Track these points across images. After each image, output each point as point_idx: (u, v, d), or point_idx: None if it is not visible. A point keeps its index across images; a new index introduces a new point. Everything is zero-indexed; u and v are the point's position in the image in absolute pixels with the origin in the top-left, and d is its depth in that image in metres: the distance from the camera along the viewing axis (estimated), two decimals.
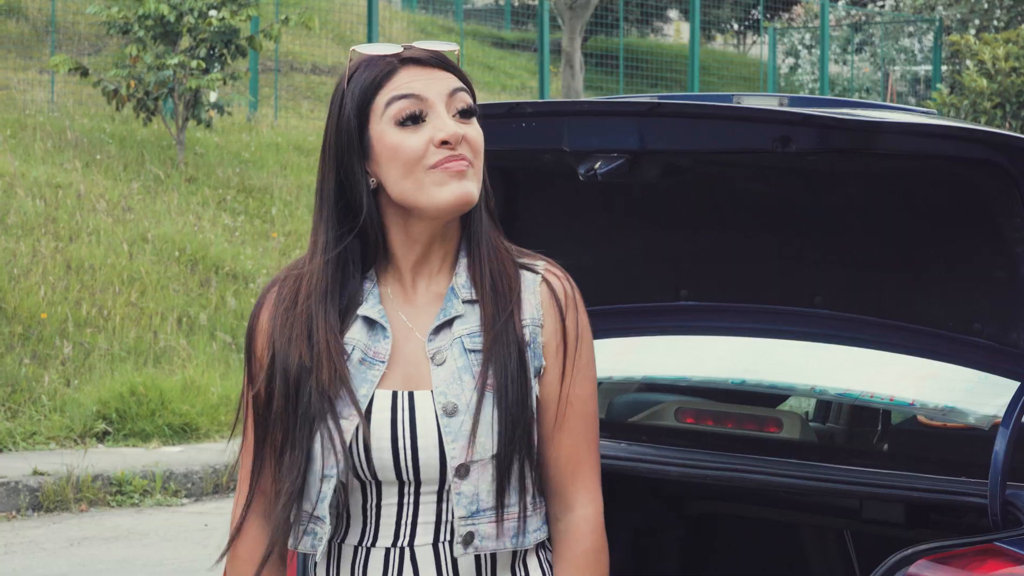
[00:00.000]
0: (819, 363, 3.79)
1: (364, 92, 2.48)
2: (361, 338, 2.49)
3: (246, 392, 2.55)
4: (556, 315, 2.52)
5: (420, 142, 2.44)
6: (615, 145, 3.20)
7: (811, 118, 2.99)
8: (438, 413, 2.45)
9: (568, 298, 2.54)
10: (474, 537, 2.45)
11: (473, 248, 2.52)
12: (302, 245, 14.06)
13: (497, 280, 2.50)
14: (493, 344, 2.46)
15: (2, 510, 8.91)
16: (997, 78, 18.61)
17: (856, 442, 4.43)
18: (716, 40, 33.69)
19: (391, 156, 2.45)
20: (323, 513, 2.47)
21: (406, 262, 2.52)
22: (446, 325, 2.50)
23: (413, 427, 2.45)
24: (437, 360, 2.48)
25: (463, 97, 2.49)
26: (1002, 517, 3.02)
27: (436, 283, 2.53)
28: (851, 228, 3.51)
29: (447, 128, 2.44)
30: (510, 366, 2.46)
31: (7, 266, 11.48)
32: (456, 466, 2.44)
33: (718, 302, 3.72)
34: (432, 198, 2.44)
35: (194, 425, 10.50)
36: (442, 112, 2.45)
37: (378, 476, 2.47)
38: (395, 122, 2.45)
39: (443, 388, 2.46)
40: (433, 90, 2.46)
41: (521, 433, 2.46)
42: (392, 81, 2.47)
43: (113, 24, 14.69)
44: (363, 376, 2.47)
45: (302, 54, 21.40)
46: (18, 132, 14.77)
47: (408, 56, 2.48)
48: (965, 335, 3.43)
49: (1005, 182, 3.10)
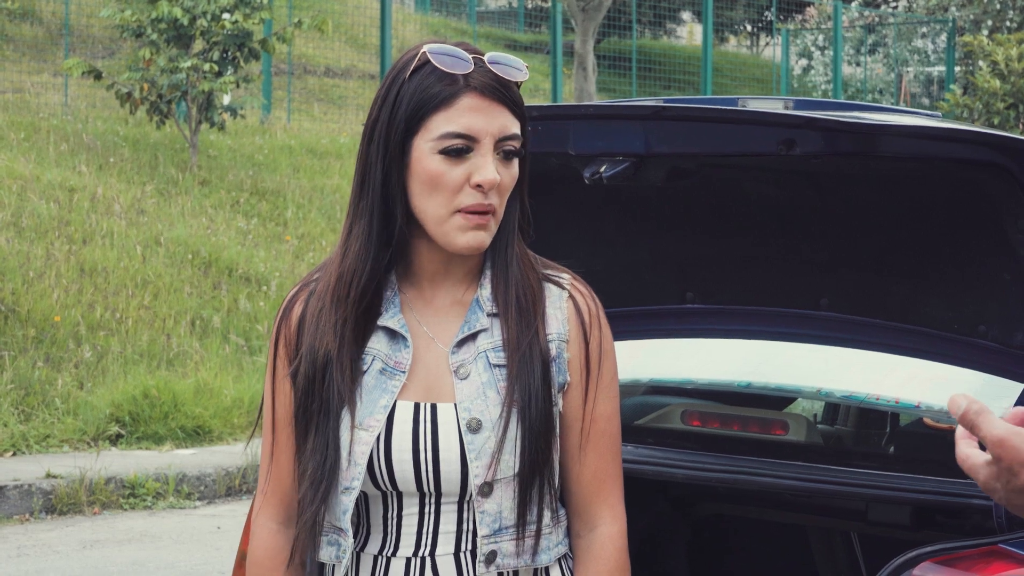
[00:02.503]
0: (825, 366, 3.79)
1: (420, 105, 2.44)
2: (382, 348, 2.48)
3: (269, 389, 2.55)
4: (581, 332, 2.52)
5: (458, 178, 2.42)
6: (620, 148, 3.21)
7: (815, 121, 3.00)
8: (462, 429, 2.43)
9: (593, 316, 2.53)
10: (497, 555, 2.45)
11: (498, 260, 2.51)
12: (315, 248, 14.08)
13: (521, 295, 2.49)
14: (518, 360, 2.45)
15: (15, 513, 8.93)
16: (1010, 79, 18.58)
17: (862, 444, 4.43)
18: (729, 42, 33.67)
19: (427, 181, 2.43)
20: (345, 525, 2.46)
21: (426, 272, 2.51)
22: (470, 338, 2.48)
23: (435, 440, 2.44)
24: (461, 374, 2.46)
25: (512, 139, 2.45)
26: (1007, 519, 3.02)
27: (458, 292, 2.52)
28: (857, 231, 3.51)
29: (486, 174, 2.41)
30: (534, 383, 2.45)
31: (21, 269, 11.51)
32: (479, 484, 2.43)
33: (724, 305, 3.73)
34: (447, 237, 2.44)
35: (207, 428, 10.52)
36: (487, 152, 2.42)
37: (399, 487, 2.46)
38: (439, 150, 2.43)
39: (467, 403, 2.44)
40: (487, 130, 2.43)
41: (544, 450, 2.45)
42: (451, 108, 2.42)
43: (126, 27, 14.73)
44: (383, 386, 2.46)
45: (315, 57, 21.43)
46: (32, 135, 14.81)
47: (473, 84, 2.43)
48: (970, 337, 3.43)
49: (1010, 184, 3.10)
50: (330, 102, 20.57)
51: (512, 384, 2.44)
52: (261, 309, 12.36)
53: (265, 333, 11.96)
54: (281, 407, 2.53)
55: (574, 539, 2.54)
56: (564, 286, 2.54)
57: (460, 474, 2.43)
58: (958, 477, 3.31)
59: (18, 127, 14.94)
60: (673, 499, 4.19)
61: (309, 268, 13.45)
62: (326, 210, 15.10)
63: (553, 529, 2.50)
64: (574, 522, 2.54)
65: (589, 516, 2.53)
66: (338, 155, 17.03)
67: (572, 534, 2.54)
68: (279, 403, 2.53)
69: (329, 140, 17.61)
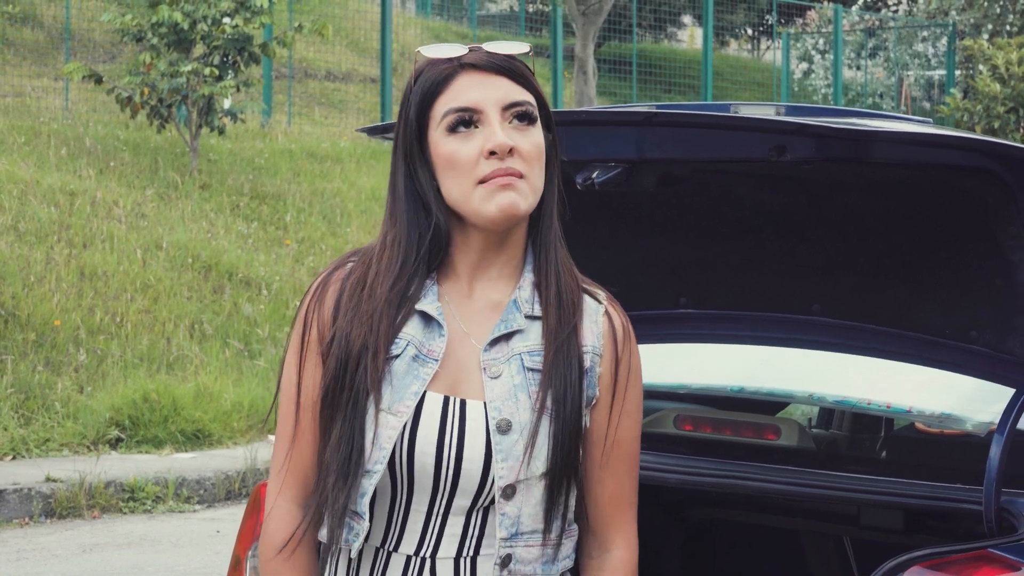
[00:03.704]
0: (817, 370, 3.80)
1: (423, 98, 2.48)
2: (416, 334, 2.46)
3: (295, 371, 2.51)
4: (613, 350, 2.52)
5: (472, 152, 2.43)
6: (612, 154, 3.22)
7: (806, 128, 3.01)
8: (490, 429, 2.42)
9: (627, 335, 2.54)
10: (511, 560, 2.44)
11: (541, 261, 2.51)
12: (315, 252, 14.09)
13: (564, 296, 2.49)
14: (554, 360, 2.45)
15: (15, 516, 8.94)
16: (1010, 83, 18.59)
17: (854, 449, 4.44)
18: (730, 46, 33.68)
19: (444, 164, 2.45)
20: (363, 509, 2.44)
21: (464, 266, 2.50)
22: (504, 338, 2.47)
23: (461, 437, 2.43)
24: (491, 372, 2.45)
25: (519, 105, 2.46)
26: (997, 524, 3.02)
27: (495, 291, 2.51)
28: (849, 236, 3.52)
29: (495, 139, 2.42)
30: (569, 387, 2.44)
31: (21, 273, 11.52)
32: (503, 486, 2.42)
33: (717, 310, 3.74)
34: (479, 210, 2.43)
35: (207, 432, 10.54)
36: (494, 121, 2.44)
37: (415, 479, 2.44)
38: (447, 130, 2.45)
39: (498, 404, 2.43)
40: (488, 99, 2.45)
41: (572, 457, 2.45)
42: (450, 88, 2.46)
43: (127, 32, 14.75)
44: (415, 373, 2.44)
45: (316, 61, 21.45)
46: (32, 139, 14.82)
47: (467, 61, 2.47)
48: (962, 342, 3.44)
49: (1001, 190, 3.12)
50: (331, 106, 20.58)
51: (546, 388, 2.43)
52: (261, 313, 12.37)
53: (265, 337, 11.97)
54: (308, 390, 2.49)
55: (585, 559, 2.54)
56: (601, 301, 2.55)
57: (481, 474, 2.42)
58: (949, 482, 3.32)
59: (19, 131, 14.96)
60: (666, 504, 4.19)
61: (309, 272, 13.46)
62: (326, 214, 15.12)
63: (566, 540, 2.49)
64: (587, 541, 2.53)
65: (603, 538, 2.53)
66: (338, 159, 17.03)
67: (583, 553, 2.54)
68: (306, 386, 2.49)
69: (330, 144, 17.62)
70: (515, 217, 2.44)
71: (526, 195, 2.44)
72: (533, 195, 2.46)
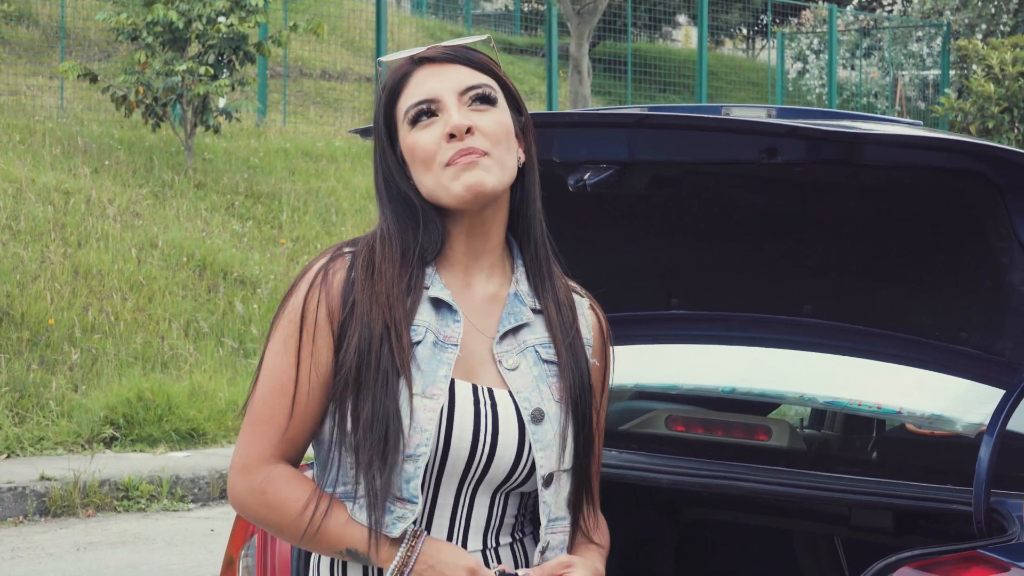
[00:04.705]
0: (808, 371, 3.81)
1: (387, 100, 2.54)
2: (431, 320, 2.47)
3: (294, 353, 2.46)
4: (603, 342, 2.61)
5: (432, 139, 2.47)
6: (604, 156, 3.23)
7: (796, 130, 3.02)
8: (525, 419, 2.46)
9: (609, 329, 2.64)
10: (548, 547, 2.51)
11: (530, 251, 2.56)
12: (310, 251, 14.09)
13: (558, 292, 2.56)
14: (568, 356, 2.51)
15: (9, 515, 8.95)
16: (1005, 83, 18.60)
17: (845, 449, 4.45)
18: (725, 45, 33.69)
19: (411, 157, 2.50)
20: (409, 494, 2.41)
21: (458, 255, 2.53)
22: (512, 331, 2.51)
23: (495, 424, 2.45)
24: (508, 365, 2.49)
25: (476, 88, 2.50)
26: (987, 524, 3.03)
27: (490, 284, 2.54)
28: (840, 238, 3.53)
29: (451, 120, 2.46)
30: (583, 379, 2.52)
31: (15, 272, 11.52)
32: (544, 475, 2.46)
33: (709, 311, 3.75)
34: (448, 194, 2.46)
35: (201, 430, 10.54)
36: (451, 106, 2.48)
37: (447, 465, 2.44)
38: (410, 124, 2.50)
39: (525, 394, 2.48)
40: (443, 87, 2.49)
41: (593, 444, 2.54)
42: (409, 85, 2.52)
43: (122, 30, 14.74)
44: (439, 358, 2.45)
45: (311, 59, 21.44)
46: (27, 138, 14.82)
47: (422, 56, 2.52)
48: (952, 344, 3.46)
49: (990, 192, 3.13)
50: (326, 105, 20.58)
51: (564, 380, 2.50)
52: (255, 312, 12.37)
53: (259, 336, 11.97)
54: (315, 372, 2.45)
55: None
56: (583, 294, 2.63)
57: (512, 462, 2.45)
58: (939, 482, 3.33)
59: (13, 130, 14.95)
60: (659, 504, 4.21)
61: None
62: (321, 213, 15.12)
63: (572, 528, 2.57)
64: None
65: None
66: (333, 158, 17.03)
67: None
68: (312, 367, 2.45)
69: (324, 143, 17.62)
70: (482, 194, 2.46)
71: (491, 170, 2.47)
72: (500, 171, 2.48)
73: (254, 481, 2.49)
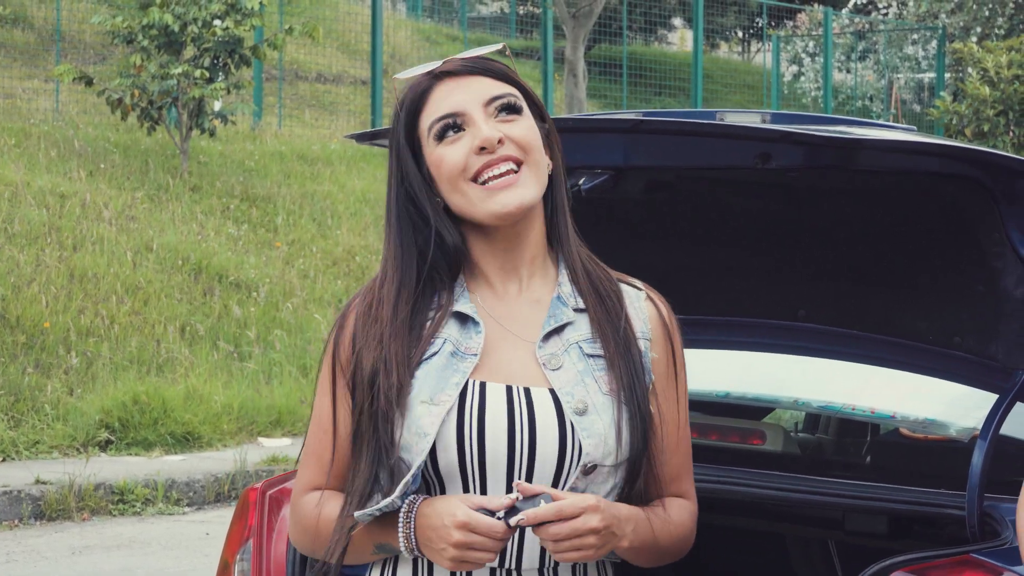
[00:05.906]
0: (802, 376, 3.81)
1: (408, 118, 2.50)
2: (453, 333, 2.47)
3: (329, 404, 2.51)
4: (665, 335, 2.55)
5: (460, 154, 2.45)
6: (599, 161, 3.24)
7: (790, 135, 3.03)
8: (567, 413, 2.42)
9: (674, 321, 2.58)
10: None
11: (567, 256, 2.54)
12: (305, 254, 14.10)
13: (599, 286, 2.53)
14: (615, 348, 2.47)
15: (5, 519, 8.95)
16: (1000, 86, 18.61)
17: (839, 454, 4.46)
18: (720, 48, 33.72)
19: (438, 173, 2.48)
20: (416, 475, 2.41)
21: (491, 269, 2.52)
22: (555, 332, 2.49)
23: (532, 422, 2.43)
24: (552, 365, 2.46)
25: (501, 97, 2.48)
26: (980, 529, 3.04)
27: (532, 289, 2.53)
28: (834, 243, 3.54)
29: (480, 134, 2.44)
30: (635, 369, 2.47)
31: (10, 275, 11.52)
32: (587, 463, 2.42)
33: (703, 316, 3.76)
34: (482, 212, 2.45)
35: (196, 434, 10.54)
36: (478, 118, 2.45)
37: (487, 469, 2.43)
38: (436, 140, 2.47)
39: (568, 389, 2.45)
40: (468, 100, 2.47)
41: (648, 435, 2.47)
42: (430, 100, 2.49)
43: (118, 34, 14.75)
44: (454, 367, 2.45)
45: (307, 63, 21.44)
46: (23, 141, 14.82)
47: (442, 71, 2.49)
48: (945, 348, 3.46)
49: (984, 197, 3.14)
50: (321, 108, 20.58)
51: (612, 371, 2.46)
52: (251, 315, 12.38)
53: (255, 339, 11.98)
54: (342, 422, 2.50)
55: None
56: (640, 288, 2.58)
57: (558, 455, 2.42)
58: (933, 487, 3.34)
59: (9, 133, 14.95)
60: None
61: (299, 274, 13.48)
62: (316, 216, 15.12)
63: None
64: None
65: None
66: (328, 161, 17.04)
67: None
68: (340, 419, 2.50)
69: (320, 146, 17.63)
70: (523, 208, 2.45)
71: (527, 184, 2.46)
72: (536, 182, 2.48)
73: (297, 511, 2.55)
